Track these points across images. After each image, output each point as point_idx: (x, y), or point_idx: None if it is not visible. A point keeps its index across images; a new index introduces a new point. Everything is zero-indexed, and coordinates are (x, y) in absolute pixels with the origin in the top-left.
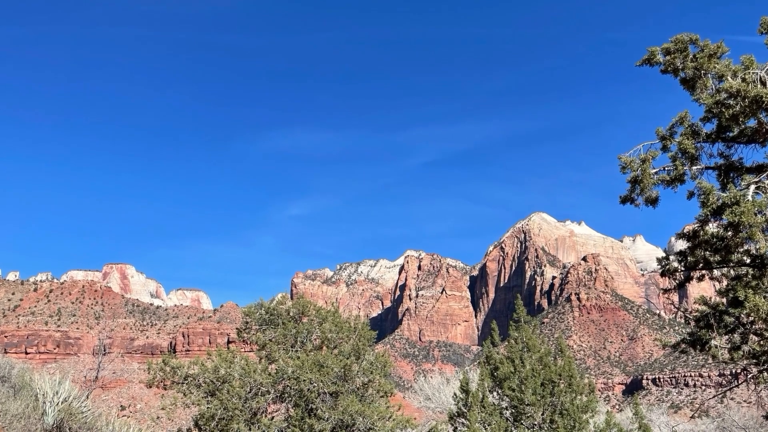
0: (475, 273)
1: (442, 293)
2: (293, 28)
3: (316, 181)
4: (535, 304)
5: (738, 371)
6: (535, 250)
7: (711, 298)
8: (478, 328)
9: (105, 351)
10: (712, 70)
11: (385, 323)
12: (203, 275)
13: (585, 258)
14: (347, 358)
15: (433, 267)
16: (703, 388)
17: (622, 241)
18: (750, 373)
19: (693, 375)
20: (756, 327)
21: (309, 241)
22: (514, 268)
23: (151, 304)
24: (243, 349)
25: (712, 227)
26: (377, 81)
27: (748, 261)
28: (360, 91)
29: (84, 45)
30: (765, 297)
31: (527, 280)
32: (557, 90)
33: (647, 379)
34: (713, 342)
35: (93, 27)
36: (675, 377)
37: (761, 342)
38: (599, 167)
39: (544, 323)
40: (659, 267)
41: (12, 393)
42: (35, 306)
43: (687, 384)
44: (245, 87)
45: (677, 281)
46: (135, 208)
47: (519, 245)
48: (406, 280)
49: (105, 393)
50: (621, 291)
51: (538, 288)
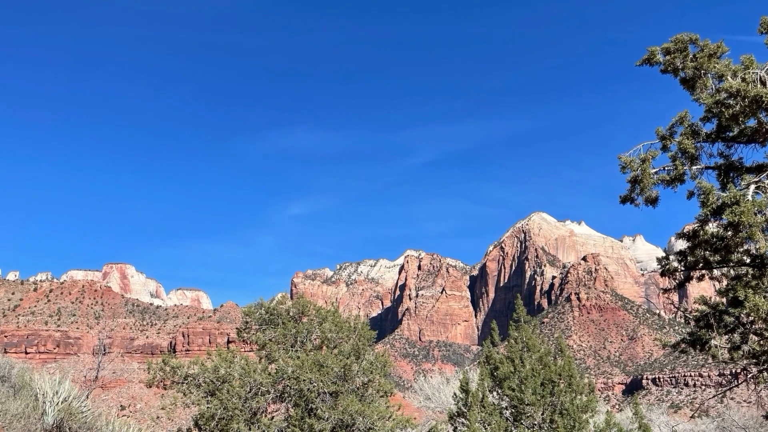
0: (475, 273)
1: (442, 293)
2: (293, 28)
3: (316, 181)
4: (535, 303)
5: (738, 371)
6: (535, 249)
7: (711, 297)
8: (478, 327)
9: (105, 351)
10: (712, 69)
11: (385, 323)
12: (203, 275)
13: (585, 258)
14: (347, 357)
15: (433, 267)
16: (703, 387)
17: (622, 241)
18: (750, 373)
19: (693, 375)
20: (756, 327)
21: (309, 241)
22: (514, 267)
23: (151, 303)
24: (243, 349)
25: (712, 227)
26: (377, 81)
27: (748, 261)
28: (360, 91)
29: (84, 45)
30: (765, 297)
31: (527, 279)
32: (557, 90)
33: (647, 379)
34: (713, 342)
35: (93, 27)
36: (675, 377)
37: (761, 342)
38: (599, 167)
39: (544, 323)
40: (659, 267)
41: (12, 393)
42: (35, 306)
43: (687, 384)
44: (245, 87)
45: (677, 281)
46: (135, 208)
47: (519, 245)
48: (406, 279)
49: (105, 393)
50: (621, 291)
51: (538, 288)
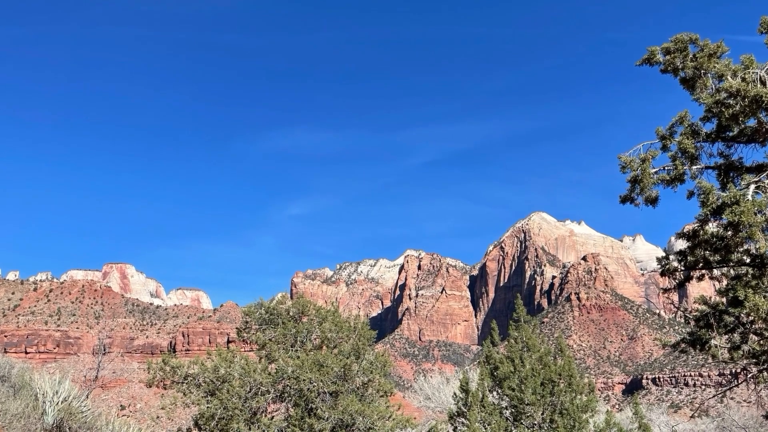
0: (475, 273)
1: (441, 293)
2: (293, 28)
3: (316, 181)
4: (535, 303)
5: (738, 371)
6: (535, 249)
7: (711, 297)
8: (478, 327)
9: (105, 350)
10: (711, 69)
11: (385, 323)
12: (203, 275)
13: (585, 258)
14: (347, 357)
15: (433, 267)
16: (703, 387)
17: (622, 241)
18: (750, 373)
19: (693, 375)
20: (756, 327)
21: (309, 241)
22: (513, 267)
23: (151, 303)
24: (243, 349)
25: (712, 227)
26: (377, 81)
27: (748, 261)
28: (360, 91)
29: (84, 45)
30: (765, 297)
31: (527, 279)
32: (557, 90)
33: (647, 379)
34: (713, 342)
35: (93, 27)
36: (675, 377)
37: (761, 342)
38: (599, 167)
39: (544, 323)
40: (659, 266)
41: (12, 392)
42: (35, 305)
43: (687, 383)
44: (245, 87)
45: (677, 281)
46: (135, 208)
47: (519, 245)
48: (405, 279)
49: (105, 393)
50: (621, 291)
51: (538, 287)
